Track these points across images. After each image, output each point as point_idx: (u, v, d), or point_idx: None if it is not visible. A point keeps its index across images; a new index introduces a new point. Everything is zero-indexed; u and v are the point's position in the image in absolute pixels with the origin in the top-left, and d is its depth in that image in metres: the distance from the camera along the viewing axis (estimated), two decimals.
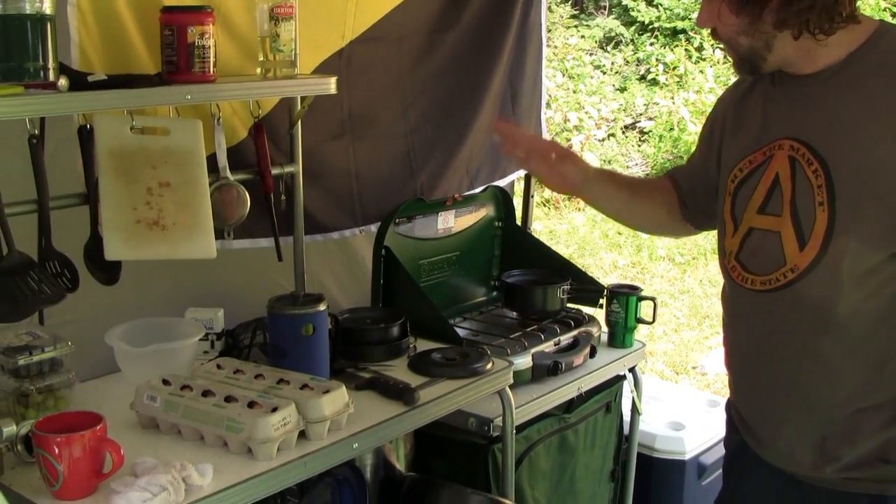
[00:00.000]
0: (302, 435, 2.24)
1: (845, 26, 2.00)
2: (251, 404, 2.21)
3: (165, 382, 2.35)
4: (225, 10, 2.80)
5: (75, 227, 2.55)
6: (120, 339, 2.58)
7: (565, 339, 3.31)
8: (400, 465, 2.99)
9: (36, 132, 2.34)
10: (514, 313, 3.58)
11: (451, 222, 3.53)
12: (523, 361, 3.09)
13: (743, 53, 2.10)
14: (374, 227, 3.41)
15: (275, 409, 2.18)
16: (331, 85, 2.84)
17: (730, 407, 2.41)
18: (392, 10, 3.37)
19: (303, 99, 2.96)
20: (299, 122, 3.04)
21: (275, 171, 3.00)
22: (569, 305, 3.56)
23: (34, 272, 2.37)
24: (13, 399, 2.30)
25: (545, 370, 3.13)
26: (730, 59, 2.18)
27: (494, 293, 3.80)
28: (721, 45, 2.20)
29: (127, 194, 2.51)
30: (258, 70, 2.78)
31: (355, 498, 2.64)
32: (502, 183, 3.92)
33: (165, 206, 2.55)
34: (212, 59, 2.54)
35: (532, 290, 3.51)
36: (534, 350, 3.15)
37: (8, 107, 2.06)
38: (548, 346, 3.22)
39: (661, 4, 13.33)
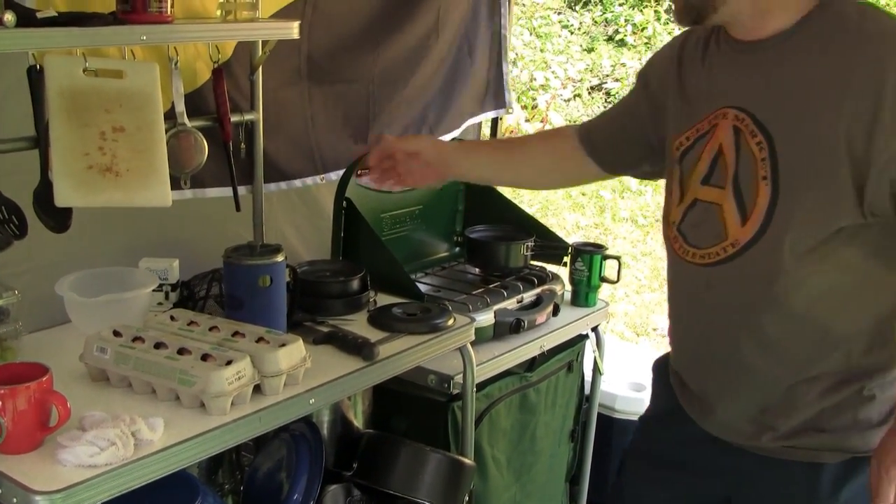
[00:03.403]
0: (257, 389, 2.18)
1: None
2: (205, 357, 2.14)
3: (116, 334, 2.27)
4: None
5: (26, 173, 2.45)
6: (70, 289, 2.49)
7: (528, 296, 3.26)
8: (358, 422, 2.94)
9: None
10: (477, 269, 3.52)
11: None
12: (485, 318, 3.03)
13: (697, 0, 1.99)
14: (334, 175, 3.34)
15: (229, 363, 2.10)
16: (293, 29, 2.75)
17: (665, 366, 2.39)
18: None
19: (264, 44, 2.88)
20: (260, 68, 2.95)
21: (235, 118, 2.92)
22: (532, 263, 3.51)
23: None
24: None
25: (507, 327, 3.08)
26: (673, 4, 2.07)
27: (457, 248, 3.75)
28: None
29: (78, 138, 2.42)
30: (218, 12, 2.68)
31: (312, 454, 2.58)
32: (458, 132, 3.85)
33: (119, 152, 2.46)
34: (169, 0, 2.45)
35: (495, 245, 3.45)
36: (496, 307, 3.10)
37: None
38: (510, 304, 3.17)
39: None
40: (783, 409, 2.09)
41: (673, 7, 2.08)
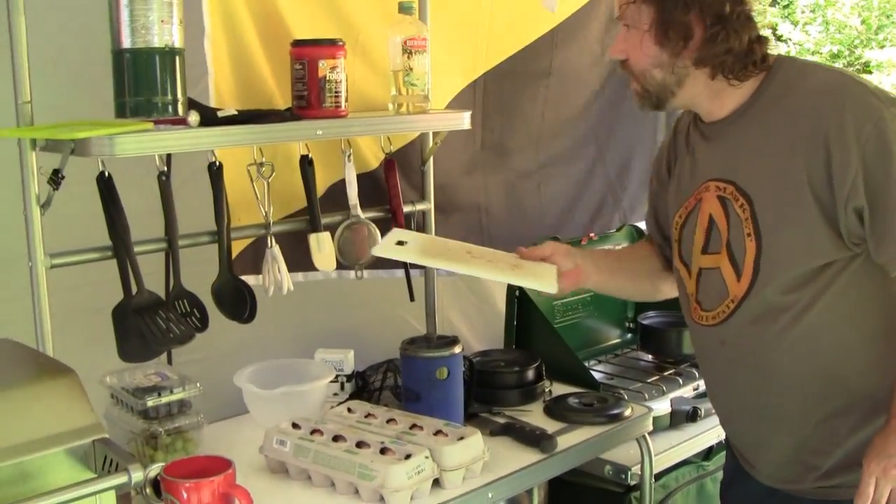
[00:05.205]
0: (436, 483, 2.16)
1: (757, 73, 2.09)
2: (384, 450, 2.14)
3: (295, 426, 2.29)
4: (363, 40, 2.77)
5: (203, 265, 2.50)
6: (248, 380, 2.54)
7: None
8: None
9: (164, 168, 2.31)
10: (650, 356, 3.46)
11: None
12: (662, 407, 2.96)
13: (653, 87, 2.14)
14: None
15: (408, 456, 2.10)
16: (464, 120, 2.76)
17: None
18: (530, 44, 3.33)
19: (435, 134, 2.89)
20: (431, 158, 2.97)
21: (407, 207, 2.93)
22: None
23: (164, 311, 2.34)
24: (142, 440, 2.28)
25: (684, 416, 3.00)
26: (636, 92, 2.19)
27: (629, 335, 3.69)
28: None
29: None
30: (390, 105, 2.71)
31: None
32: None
33: None
34: (343, 94, 2.49)
35: (669, 332, 3.39)
36: (672, 395, 3.04)
37: (138, 143, 2.04)
38: (686, 391, 3.11)
39: (790, 39, 13.01)
40: (820, 447, 2.13)
41: (633, 93, 2.21)
